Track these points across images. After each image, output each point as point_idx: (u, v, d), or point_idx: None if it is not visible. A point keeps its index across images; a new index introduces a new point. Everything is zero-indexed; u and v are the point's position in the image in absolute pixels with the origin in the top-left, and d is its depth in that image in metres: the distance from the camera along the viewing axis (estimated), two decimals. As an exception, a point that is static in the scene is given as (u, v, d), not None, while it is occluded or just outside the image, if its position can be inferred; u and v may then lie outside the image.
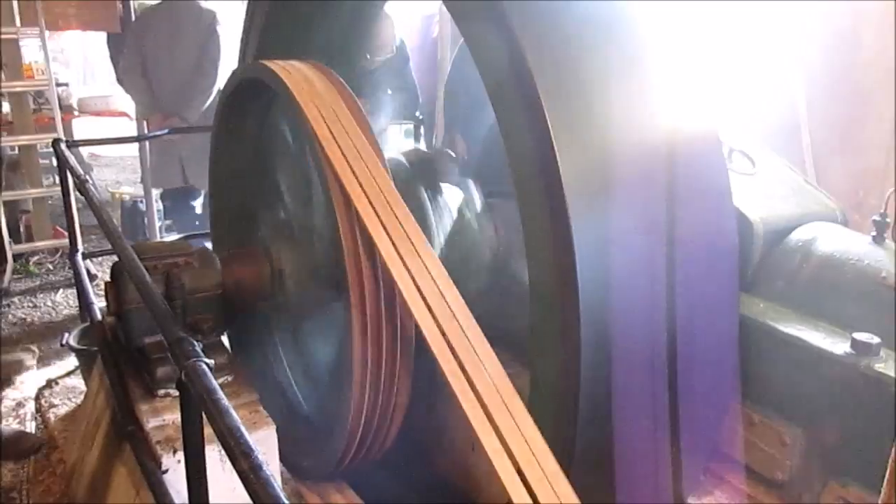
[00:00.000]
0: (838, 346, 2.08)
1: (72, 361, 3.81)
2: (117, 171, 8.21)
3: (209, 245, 2.99)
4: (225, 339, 2.79)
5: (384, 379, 2.17)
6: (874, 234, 2.30)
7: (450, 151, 3.03)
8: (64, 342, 3.43)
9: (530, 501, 1.53)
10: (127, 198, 6.32)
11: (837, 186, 3.14)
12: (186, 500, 1.95)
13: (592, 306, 1.74)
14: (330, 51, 3.16)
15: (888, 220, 2.29)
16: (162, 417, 2.21)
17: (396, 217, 2.02)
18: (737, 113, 3.00)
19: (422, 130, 4.22)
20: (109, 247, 4.74)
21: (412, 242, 1.98)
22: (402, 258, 1.93)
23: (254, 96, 2.65)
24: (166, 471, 2.09)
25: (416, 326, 1.87)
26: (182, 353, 1.45)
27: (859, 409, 2.02)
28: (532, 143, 1.76)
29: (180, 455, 2.11)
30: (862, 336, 2.03)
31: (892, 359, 2.00)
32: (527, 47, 1.72)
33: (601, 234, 1.77)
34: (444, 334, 1.80)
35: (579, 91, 1.80)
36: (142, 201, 5.80)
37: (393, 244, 1.94)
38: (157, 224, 5.58)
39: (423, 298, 1.86)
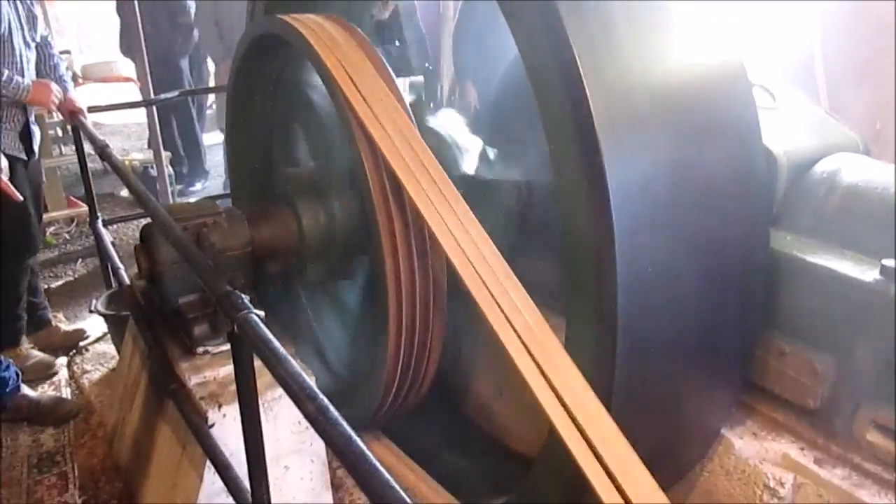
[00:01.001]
0: (867, 273, 2.10)
1: (100, 328, 3.85)
2: (123, 139, 8.18)
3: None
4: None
5: (419, 323, 2.21)
6: (899, 161, 2.31)
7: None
8: (92, 308, 3.47)
9: (578, 434, 1.57)
10: (137, 164, 6.31)
11: (854, 118, 3.12)
12: (232, 452, 2.03)
13: (627, 246, 1.75)
14: (340, 4, 3.13)
15: (913, 147, 2.30)
16: (203, 374, 2.26)
17: (424, 164, 2.03)
18: (755, 47, 2.97)
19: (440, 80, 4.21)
20: (123, 214, 4.80)
21: (440, 188, 1.99)
22: (432, 203, 1.94)
23: (270, 52, 2.63)
24: (213, 425, 2.14)
25: (447, 271, 1.90)
26: (232, 306, 1.48)
27: (889, 334, 2.05)
28: (561, 84, 1.75)
29: (225, 409, 2.17)
30: (891, 262, 2.04)
31: (921, 284, 2.02)
32: None
33: (633, 172, 1.78)
34: (478, 275, 1.82)
35: (606, 28, 1.79)
36: (152, 167, 5.80)
37: (422, 190, 1.95)
38: (169, 189, 5.57)
39: (456, 241, 1.88)
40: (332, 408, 1.14)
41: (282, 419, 2.23)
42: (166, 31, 5.86)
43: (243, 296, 1.55)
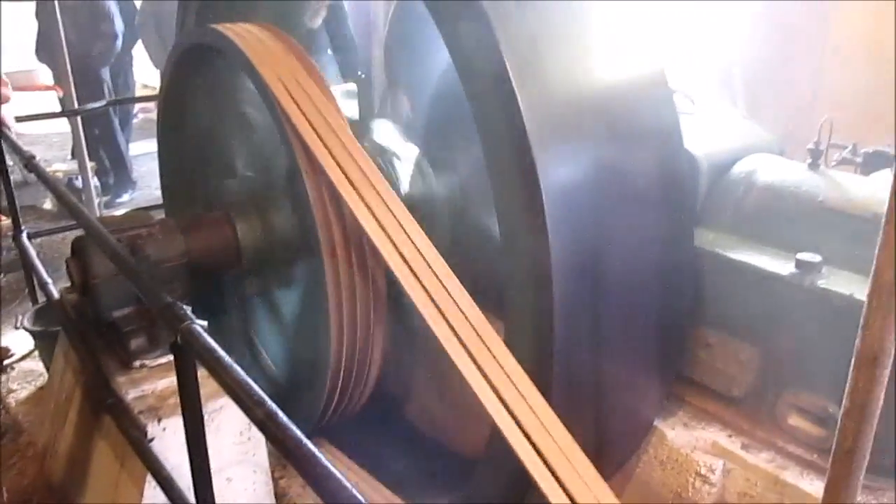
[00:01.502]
0: (784, 267, 2.23)
1: (26, 345, 3.73)
2: (45, 149, 7.87)
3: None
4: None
5: (360, 326, 2.23)
6: (810, 161, 2.45)
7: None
8: (19, 325, 3.36)
9: (516, 427, 1.62)
10: (61, 175, 6.11)
11: (769, 119, 3.27)
12: (174, 466, 2.01)
13: (560, 243, 1.82)
14: (271, 13, 3.12)
15: (822, 148, 2.44)
16: (141, 388, 2.23)
17: (361, 169, 2.06)
18: (676, 54, 3.10)
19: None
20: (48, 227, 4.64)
21: (378, 192, 2.02)
22: (369, 208, 1.97)
23: (203, 62, 2.62)
24: (152, 439, 2.12)
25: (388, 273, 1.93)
26: (175, 317, 1.48)
27: (807, 324, 2.18)
28: (494, 92, 1.81)
29: (165, 423, 2.15)
30: (805, 256, 2.18)
31: (833, 275, 2.16)
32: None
33: (564, 175, 1.86)
34: (417, 277, 1.86)
35: (534, 38, 1.86)
36: (77, 178, 5.63)
37: (360, 195, 1.98)
38: (96, 200, 5.43)
39: (394, 244, 1.91)
40: (280, 413, 1.16)
41: (224, 430, 2.22)
42: (87, 39, 5.70)
43: (184, 306, 1.55)
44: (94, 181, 5.45)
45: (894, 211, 0.99)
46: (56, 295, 2.93)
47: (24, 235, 3.55)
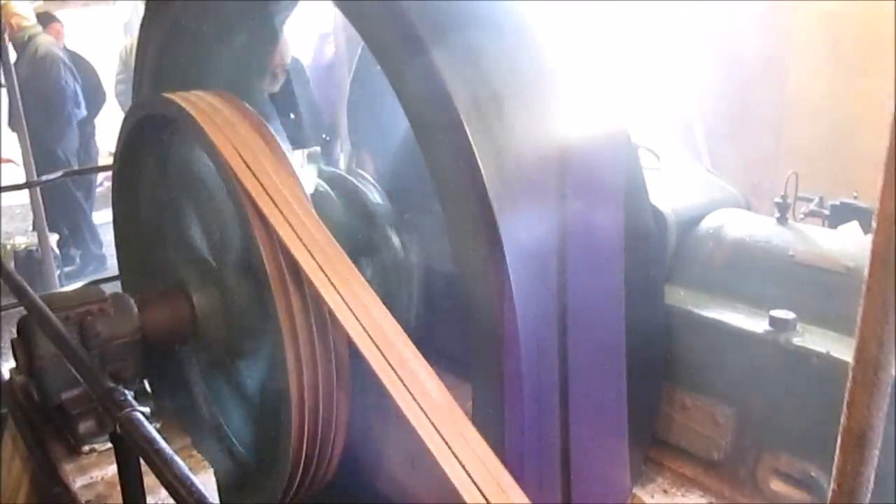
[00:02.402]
0: (758, 324, 2.18)
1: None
2: (7, 221, 7.72)
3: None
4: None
5: (322, 401, 2.13)
6: (777, 215, 2.43)
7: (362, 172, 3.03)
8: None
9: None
10: (21, 247, 5.96)
11: (732, 173, 3.28)
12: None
13: (525, 309, 1.76)
14: (227, 79, 3.08)
15: (789, 201, 2.43)
16: (90, 475, 2.11)
17: (319, 243, 1.99)
18: (637, 110, 3.11)
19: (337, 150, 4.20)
20: None
21: (337, 266, 1.95)
22: (330, 282, 1.90)
23: (156, 131, 2.56)
24: (100, 531, 1.98)
25: (350, 346, 1.86)
26: (114, 404, 1.38)
27: (783, 383, 2.13)
28: (452, 151, 1.76)
29: (114, 513, 2.01)
30: (778, 313, 2.13)
31: (808, 332, 2.11)
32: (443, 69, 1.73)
33: (527, 237, 1.80)
34: (380, 352, 1.78)
35: (492, 95, 1.82)
36: (37, 250, 5.50)
37: (320, 269, 1.90)
38: (56, 272, 5.29)
39: (356, 318, 1.84)
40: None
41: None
42: (41, 116, 5.64)
43: (126, 392, 1.45)
44: (55, 251, 5.33)
45: (878, 280, 0.93)
46: (5, 376, 2.80)
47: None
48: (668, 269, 2.48)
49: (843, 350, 2.01)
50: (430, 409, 1.70)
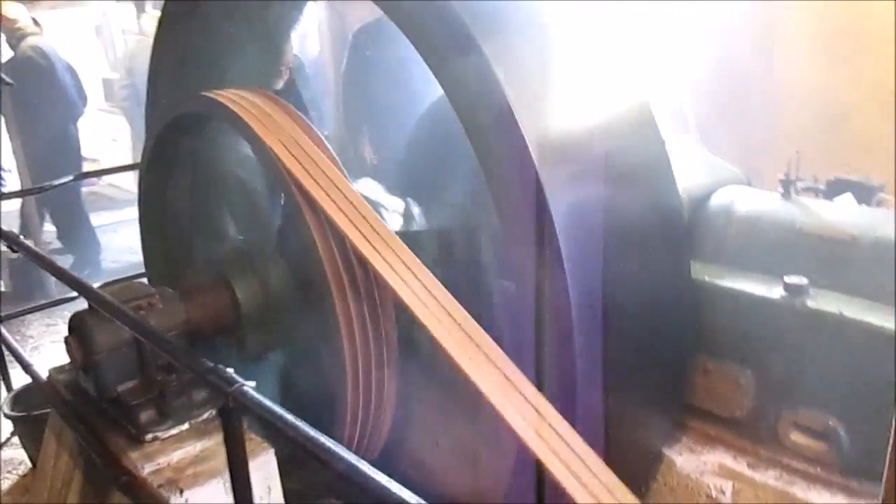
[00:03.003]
0: (773, 290, 2.35)
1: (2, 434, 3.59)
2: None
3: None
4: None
5: (374, 380, 2.25)
6: (782, 191, 2.61)
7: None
8: (-1, 411, 3.24)
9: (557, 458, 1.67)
10: (14, 256, 5.92)
11: (723, 157, 3.45)
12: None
13: (574, 280, 1.90)
14: (242, 80, 3.17)
15: (791, 178, 2.61)
16: (157, 462, 2.18)
17: (364, 217, 2.11)
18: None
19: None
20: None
21: (388, 243, 2.07)
22: (383, 258, 2.02)
23: (190, 129, 2.64)
24: (175, 512, 2.07)
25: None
26: (224, 381, 1.49)
27: (799, 343, 2.30)
28: (499, 129, 1.89)
29: (187, 494, 2.11)
30: (792, 279, 2.31)
31: (820, 296, 2.29)
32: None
33: (573, 212, 1.94)
34: (439, 320, 1.91)
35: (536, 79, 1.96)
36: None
37: (377, 252, 2.02)
38: (52, 278, 5.28)
39: (412, 291, 1.96)
40: (365, 465, 1.18)
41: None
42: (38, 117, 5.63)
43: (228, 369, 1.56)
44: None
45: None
46: (44, 376, 2.85)
47: (-4, 318, 3.46)
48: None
49: (854, 310, 2.20)
50: (488, 369, 1.83)
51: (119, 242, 7.59)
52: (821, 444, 2.31)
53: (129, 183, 9.21)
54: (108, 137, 9.31)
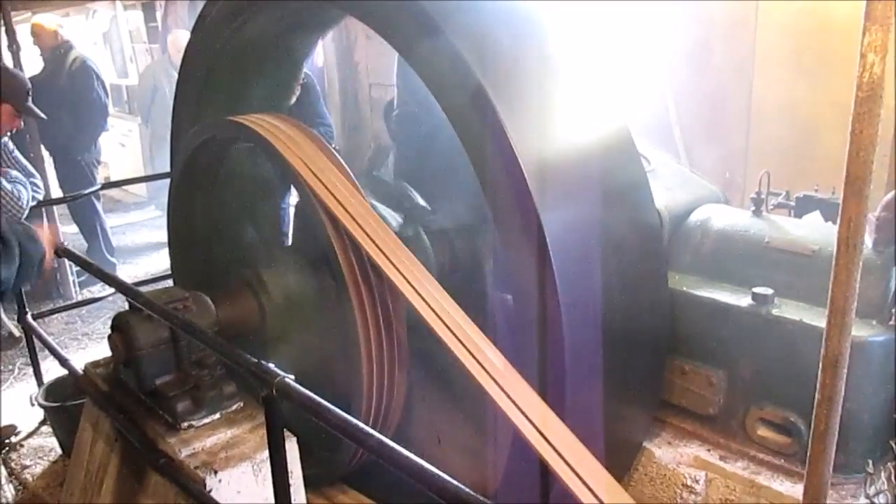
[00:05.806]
0: (742, 300, 2.63)
1: (31, 422, 3.84)
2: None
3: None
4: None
5: (386, 378, 2.52)
6: (753, 209, 2.89)
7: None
8: (34, 402, 3.50)
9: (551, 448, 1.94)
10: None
11: (706, 169, 3.73)
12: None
13: (564, 290, 2.17)
14: (260, 100, 3.43)
15: (762, 196, 2.89)
16: (192, 446, 2.45)
17: (378, 231, 2.39)
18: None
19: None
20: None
21: (399, 256, 2.35)
22: (389, 259, 2.30)
23: (216, 152, 2.91)
24: (210, 490, 2.34)
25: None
26: (267, 373, 1.76)
27: (765, 347, 2.58)
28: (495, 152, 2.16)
29: (221, 475, 2.38)
30: (759, 290, 2.59)
31: (784, 304, 2.57)
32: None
33: (565, 230, 2.22)
34: (446, 325, 2.18)
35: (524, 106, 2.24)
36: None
37: (392, 265, 2.30)
38: (71, 279, 5.55)
39: (415, 290, 2.23)
40: (390, 441, 1.45)
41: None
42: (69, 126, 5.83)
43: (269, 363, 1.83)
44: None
45: (844, 249, 1.37)
46: (80, 370, 3.12)
47: (29, 316, 3.71)
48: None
49: (813, 317, 2.48)
50: (492, 371, 2.10)
51: (129, 245, 7.87)
52: (784, 438, 2.58)
53: (137, 187, 9.50)
54: (117, 142, 9.58)
